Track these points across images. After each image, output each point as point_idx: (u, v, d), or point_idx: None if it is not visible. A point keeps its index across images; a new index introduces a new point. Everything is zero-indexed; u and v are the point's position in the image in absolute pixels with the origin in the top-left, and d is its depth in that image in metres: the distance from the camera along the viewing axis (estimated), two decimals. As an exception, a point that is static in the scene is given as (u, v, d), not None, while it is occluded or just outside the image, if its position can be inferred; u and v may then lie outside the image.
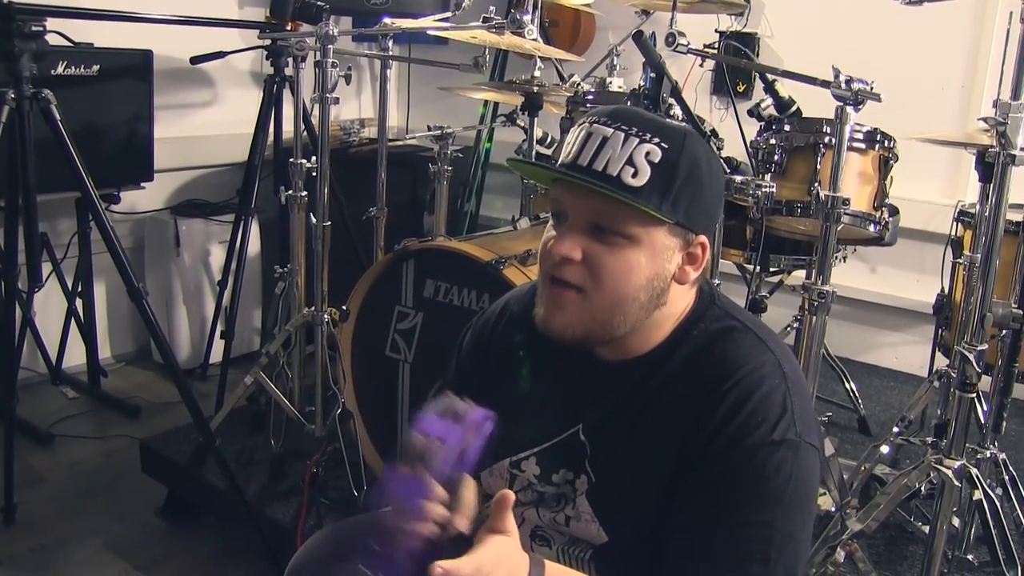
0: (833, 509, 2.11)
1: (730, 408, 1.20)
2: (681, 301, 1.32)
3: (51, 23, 2.94)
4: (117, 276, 3.68)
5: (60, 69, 3.02)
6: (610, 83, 2.99)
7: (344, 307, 2.48)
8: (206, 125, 3.94)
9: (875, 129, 2.15)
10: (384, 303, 2.44)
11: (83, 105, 3.10)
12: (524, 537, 1.41)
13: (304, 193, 2.62)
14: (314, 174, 2.50)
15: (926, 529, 2.31)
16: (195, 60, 3.39)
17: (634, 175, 1.20)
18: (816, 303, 1.87)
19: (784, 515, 1.19)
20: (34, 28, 2.11)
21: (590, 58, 3.66)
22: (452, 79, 3.21)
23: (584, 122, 1.27)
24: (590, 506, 1.33)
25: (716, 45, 3.54)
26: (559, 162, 1.27)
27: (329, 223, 2.47)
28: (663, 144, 1.21)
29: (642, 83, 2.28)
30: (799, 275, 2.90)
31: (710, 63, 3.76)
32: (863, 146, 2.14)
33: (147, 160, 3.38)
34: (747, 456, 1.19)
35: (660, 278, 1.25)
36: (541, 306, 1.30)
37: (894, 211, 2.86)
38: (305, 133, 2.86)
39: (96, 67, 3.12)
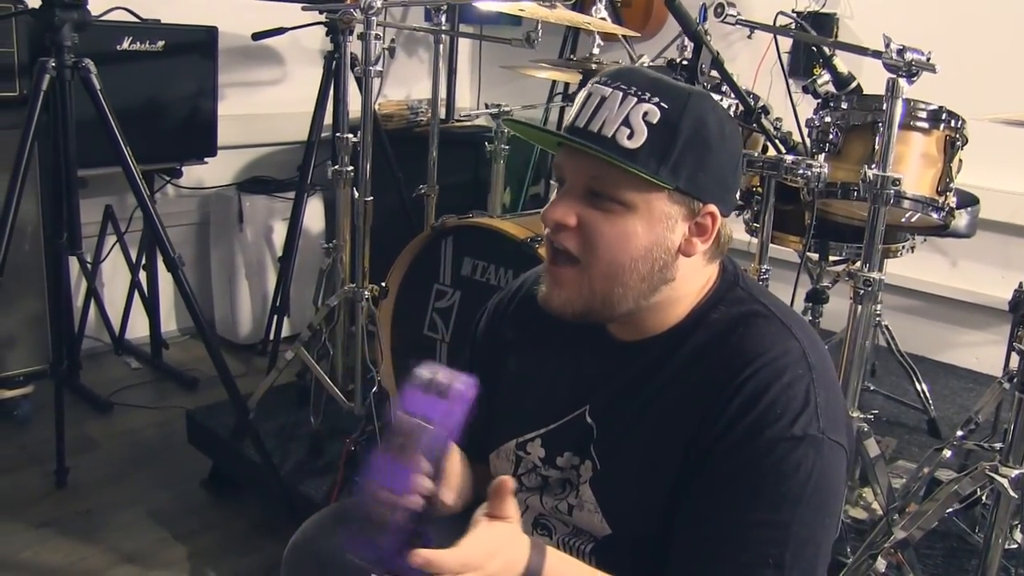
0: (881, 514, 1.97)
1: (747, 399, 1.11)
2: (696, 278, 1.23)
3: (118, -1, 3.04)
4: (183, 250, 3.75)
5: (125, 44, 3.06)
6: (679, 64, 2.88)
7: (383, 284, 2.45)
8: (274, 102, 3.96)
9: (941, 107, 1.99)
10: (423, 281, 2.40)
11: (147, 80, 3.14)
12: (527, 526, 1.34)
13: (350, 168, 2.59)
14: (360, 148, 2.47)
15: (989, 542, 2.15)
16: (256, 36, 3.40)
17: (630, 136, 1.12)
18: (862, 291, 1.73)
19: (802, 517, 1.09)
20: (75, -2, 2.13)
21: (663, 39, 3.55)
22: (522, 57, 3.14)
23: (589, 83, 1.19)
24: (593, 495, 1.25)
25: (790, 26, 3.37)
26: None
27: (371, 198, 2.44)
28: (663, 104, 1.12)
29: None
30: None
31: (785, 45, 3.60)
32: (926, 125, 1.98)
33: (210, 136, 3.40)
34: (764, 451, 1.09)
35: (661, 249, 1.16)
36: (543, 284, 1.24)
37: (972, 200, 2.68)
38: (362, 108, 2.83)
39: (161, 43, 3.15)
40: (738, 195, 2.38)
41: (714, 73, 2.04)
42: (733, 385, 1.12)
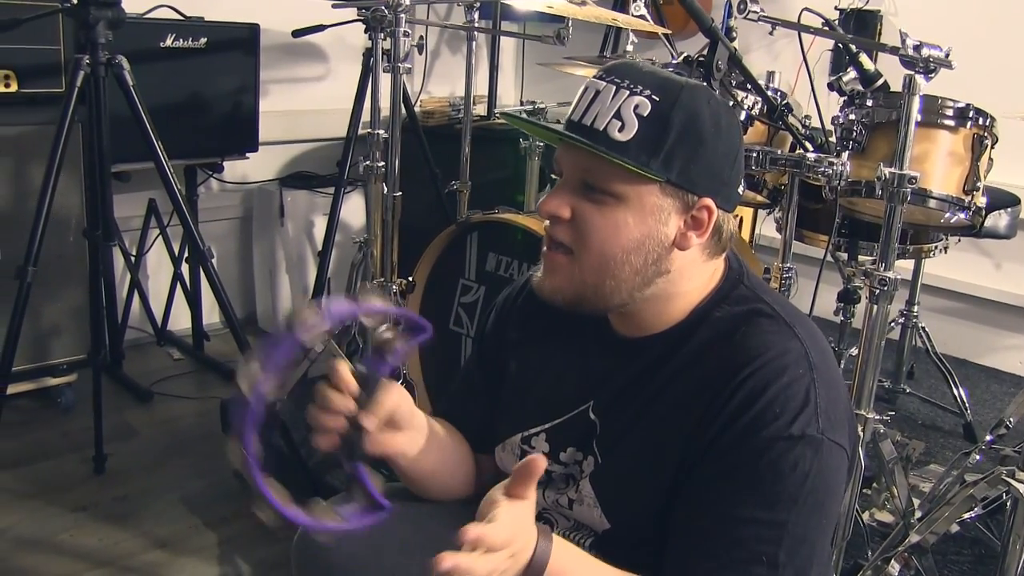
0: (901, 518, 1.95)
1: (746, 397, 1.11)
2: (697, 275, 1.23)
3: (164, -3, 3.12)
4: (226, 243, 3.87)
5: (169, 41, 3.11)
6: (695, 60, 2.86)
7: (410, 278, 2.47)
8: (317, 99, 4.02)
9: (968, 105, 1.95)
10: (449, 275, 2.43)
11: (190, 76, 3.20)
12: (529, 519, 1.35)
13: (381, 163, 2.61)
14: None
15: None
16: (297, 33, 3.46)
17: (620, 129, 1.13)
18: (877, 290, 1.71)
19: (797, 517, 1.09)
20: (109, -4, 2.19)
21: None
22: (560, 55, 3.14)
23: (587, 78, 1.21)
24: (592, 490, 1.26)
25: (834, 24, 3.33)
26: None
27: (400, 193, 2.47)
28: (654, 97, 1.13)
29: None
30: (900, 265, 2.71)
31: (828, 43, 3.54)
32: (953, 123, 1.94)
33: (252, 131, 3.45)
34: (760, 450, 1.09)
35: (654, 241, 1.17)
36: (538, 270, 1.25)
37: (1013, 201, 2.63)
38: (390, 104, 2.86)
39: (204, 40, 3.20)
40: (764, 192, 2.39)
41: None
42: (733, 384, 1.12)
